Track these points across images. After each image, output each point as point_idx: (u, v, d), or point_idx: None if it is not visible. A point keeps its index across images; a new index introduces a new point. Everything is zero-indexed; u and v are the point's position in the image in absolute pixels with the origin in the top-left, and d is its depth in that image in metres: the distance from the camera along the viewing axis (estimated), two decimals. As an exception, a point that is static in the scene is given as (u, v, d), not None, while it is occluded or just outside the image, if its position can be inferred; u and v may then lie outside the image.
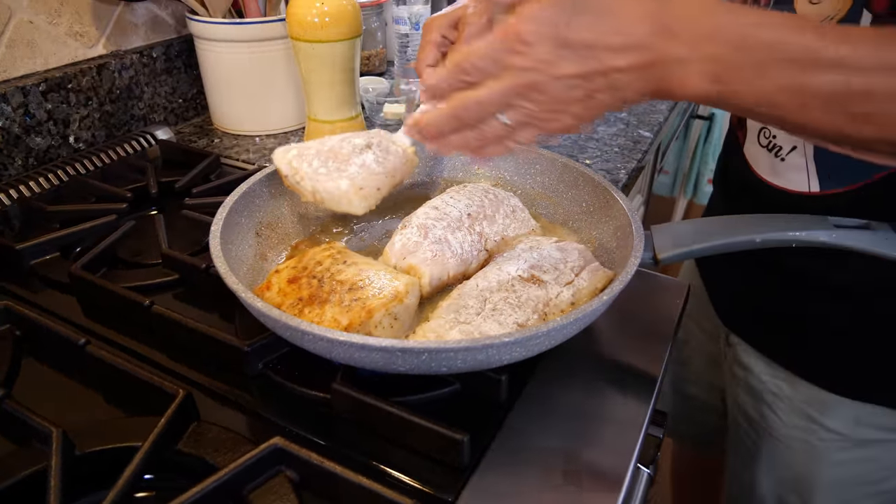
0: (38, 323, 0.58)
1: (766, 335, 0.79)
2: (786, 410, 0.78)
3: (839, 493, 0.78)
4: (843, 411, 0.73)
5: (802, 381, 0.75)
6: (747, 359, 0.82)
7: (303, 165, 0.61)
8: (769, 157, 0.70)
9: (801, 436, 0.77)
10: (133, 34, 1.00)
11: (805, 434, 0.77)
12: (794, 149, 0.67)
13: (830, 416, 0.74)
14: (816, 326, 0.72)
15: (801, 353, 0.75)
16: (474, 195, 0.67)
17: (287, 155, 0.62)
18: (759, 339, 0.80)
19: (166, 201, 0.83)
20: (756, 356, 0.80)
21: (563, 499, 0.47)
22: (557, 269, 0.58)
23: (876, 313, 0.68)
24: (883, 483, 0.76)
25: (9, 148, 0.84)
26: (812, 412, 0.75)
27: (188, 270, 0.66)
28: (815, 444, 0.76)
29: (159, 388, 0.51)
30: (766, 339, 0.79)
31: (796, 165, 0.67)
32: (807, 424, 0.76)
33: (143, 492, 0.48)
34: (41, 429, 0.47)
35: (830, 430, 0.74)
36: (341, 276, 0.55)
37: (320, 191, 0.60)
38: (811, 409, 0.75)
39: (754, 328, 0.81)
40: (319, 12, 0.80)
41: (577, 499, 0.47)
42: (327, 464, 0.44)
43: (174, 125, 1.08)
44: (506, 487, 0.47)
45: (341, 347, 0.46)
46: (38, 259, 0.70)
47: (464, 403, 0.53)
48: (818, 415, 0.75)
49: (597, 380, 0.57)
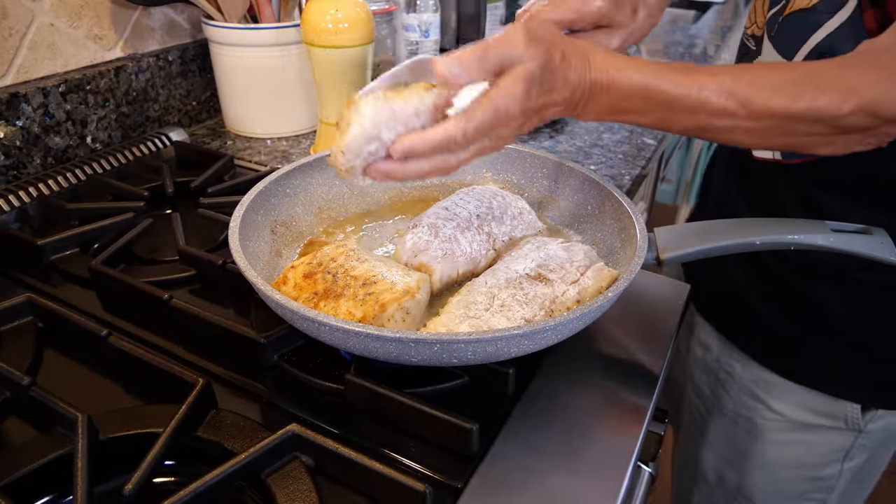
0: (61, 315, 0.60)
1: (725, 316, 0.85)
2: (735, 389, 0.83)
3: (774, 472, 0.82)
4: (787, 394, 0.77)
5: (754, 363, 0.80)
6: (706, 338, 0.87)
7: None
8: None
9: (746, 413, 0.82)
10: (150, 38, 1.03)
11: (750, 412, 0.82)
12: None
13: (775, 397, 0.78)
14: (770, 310, 0.77)
15: (755, 335, 0.80)
16: (483, 197, 0.69)
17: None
18: (718, 319, 0.86)
19: (181, 200, 0.85)
20: (715, 336, 0.86)
21: (567, 489, 0.48)
22: (563, 268, 0.60)
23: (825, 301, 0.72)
24: (818, 469, 0.80)
25: (28, 147, 0.87)
26: (759, 392, 0.80)
27: (205, 266, 0.68)
28: (757, 422, 0.81)
29: (179, 378, 0.53)
30: (723, 320, 0.85)
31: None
32: (753, 403, 0.81)
33: (165, 477, 0.49)
34: (67, 414, 0.49)
35: (773, 410, 0.79)
36: (355, 271, 0.57)
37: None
38: (758, 390, 0.80)
39: (715, 308, 0.86)
40: (334, 19, 0.83)
41: (579, 490, 0.49)
42: (342, 449, 0.46)
43: (188, 127, 1.10)
44: (512, 476, 0.49)
45: (357, 338, 0.48)
46: (59, 254, 0.72)
47: (472, 396, 0.55)
48: (764, 395, 0.79)
49: (600, 376, 0.59)
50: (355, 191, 0.77)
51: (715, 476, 0.90)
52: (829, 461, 0.79)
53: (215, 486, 0.44)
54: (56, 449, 0.48)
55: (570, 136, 1.10)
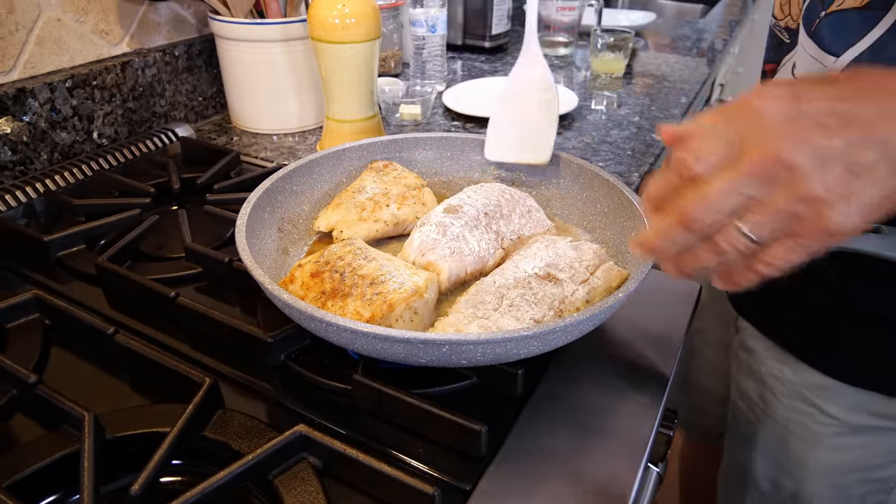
0: (68, 312, 0.60)
1: (773, 319, 0.81)
2: (786, 394, 0.80)
3: (832, 477, 0.80)
4: (842, 397, 0.75)
5: (804, 366, 0.77)
6: (753, 342, 0.84)
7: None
8: None
9: (799, 419, 0.79)
10: (156, 33, 1.03)
11: (803, 417, 0.79)
12: None
13: (829, 401, 0.76)
14: (821, 312, 0.74)
15: (806, 337, 0.77)
16: (491, 195, 0.69)
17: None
18: (766, 323, 0.82)
19: (188, 197, 0.85)
20: (761, 340, 0.83)
21: (576, 491, 0.48)
22: (573, 267, 0.59)
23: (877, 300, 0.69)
24: (875, 471, 0.78)
25: (35, 142, 0.87)
26: (811, 396, 0.77)
27: (211, 264, 0.68)
28: (812, 427, 0.78)
29: (186, 377, 0.52)
30: (772, 323, 0.82)
31: None
32: (805, 408, 0.78)
33: (171, 476, 0.49)
34: (74, 413, 0.49)
35: (828, 414, 0.76)
36: (362, 270, 0.56)
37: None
38: (810, 394, 0.77)
39: (762, 312, 0.83)
40: (340, 14, 0.82)
41: (589, 492, 0.48)
42: (350, 451, 0.46)
43: (194, 122, 1.10)
44: (521, 479, 0.49)
45: (365, 339, 0.47)
46: (65, 251, 0.72)
47: (480, 397, 0.55)
48: (817, 399, 0.77)
49: (609, 377, 0.59)
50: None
51: (769, 484, 0.87)
52: (888, 462, 0.77)
53: (222, 487, 0.44)
54: (62, 447, 0.48)
55: (578, 132, 1.09)
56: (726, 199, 0.36)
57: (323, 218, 0.70)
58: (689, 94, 1.30)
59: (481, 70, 1.43)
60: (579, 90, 1.31)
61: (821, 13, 0.65)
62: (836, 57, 0.64)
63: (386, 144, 0.79)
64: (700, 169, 0.37)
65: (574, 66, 1.49)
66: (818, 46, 0.66)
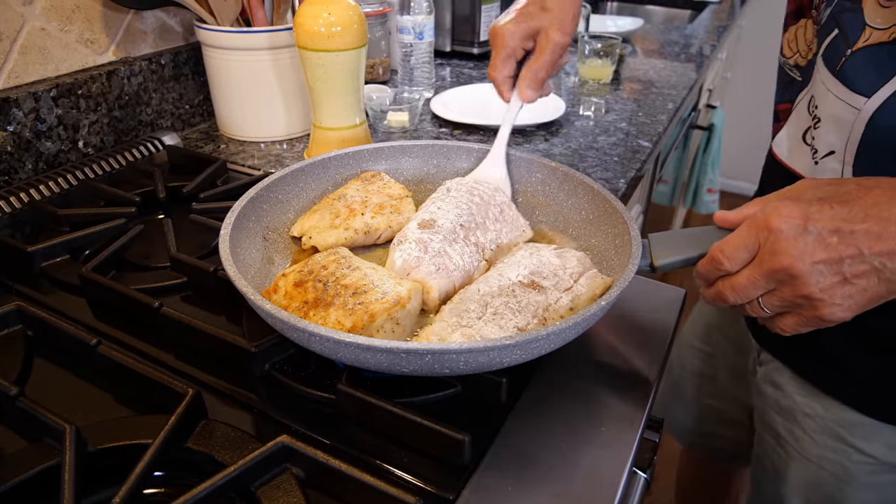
0: (51, 323, 0.60)
1: (803, 356, 0.79)
2: (818, 431, 0.78)
3: None
4: (878, 435, 0.73)
5: (837, 403, 0.75)
6: (780, 378, 0.82)
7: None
8: (808, 156, 0.70)
9: (832, 457, 0.77)
10: (142, 41, 1.02)
11: (837, 455, 0.76)
12: (830, 153, 0.66)
13: (864, 439, 0.74)
14: (853, 349, 0.72)
15: (838, 375, 0.74)
16: (461, 202, 0.68)
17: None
18: (795, 360, 0.80)
19: (173, 206, 0.84)
20: (790, 376, 0.80)
21: (560, 499, 0.48)
22: (557, 275, 0.59)
23: None
24: None
25: (20, 152, 0.86)
26: (845, 434, 0.75)
27: (196, 273, 0.68)
28: (846, 466, 0.76)
29: (169, 388, 0.52)
30: (802, 360, 0.79)
31: (831, 170, 0.66)
32: (839, 446, 0.76)
33: (154, 488, 0.49)
34: (55, 426, 0.48)
35: (863, 452, 0.74)
36: (346, 280, 0.56)
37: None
38: (844, 432, 0.75)
39: (790, 349, 0.80)
40: (326, 22, 0.82)
41: (573, 499, 0.48)
42: (333, 461, 0.46)
43: (181, 131, 1.10)
44: (505, 487, 0.49)
45: (347, 349, 0.47)
46: (49, 261, 0.72)
47: (464, 405, 0.55)
48: (851, 437, 0.74)
49: (594, 384, 0.59)
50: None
51: None
52: None
53: (205, 499, 0.44)
54: (43, 460, 0.48)
55: (565, 138, 1.10)
56: (748, 289, 0.50)
57: (298, 223, 0.70)
58: (676, 99, 1.31)
59: (469, 76, 1.43)
60: (567, 96, 1.32)
61: (846, 51, 0.62)
62: (866, 98, 0.60)
63: (372, 152, 0.79)
64: (729, 268, 0.50)
65: (562, 72, 1.50)
66: (845, 87, 0.62)
